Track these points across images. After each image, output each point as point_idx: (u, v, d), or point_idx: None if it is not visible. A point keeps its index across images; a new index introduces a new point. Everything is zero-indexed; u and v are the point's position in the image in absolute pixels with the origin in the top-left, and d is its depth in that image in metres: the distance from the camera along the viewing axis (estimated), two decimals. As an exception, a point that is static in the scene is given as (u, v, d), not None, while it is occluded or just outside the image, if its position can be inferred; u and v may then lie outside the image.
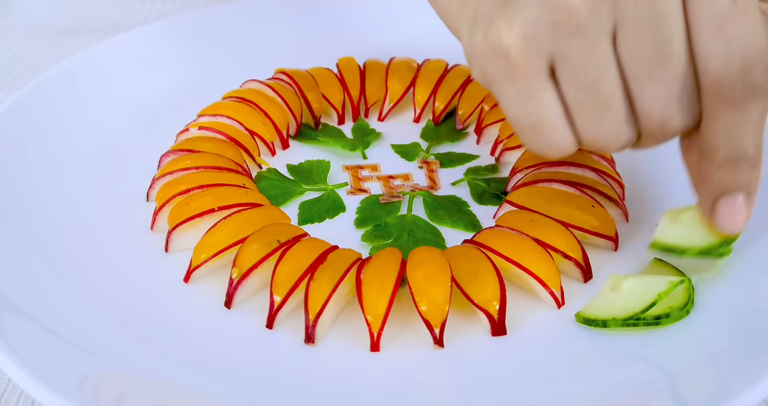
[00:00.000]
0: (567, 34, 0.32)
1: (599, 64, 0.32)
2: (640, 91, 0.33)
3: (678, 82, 0.33)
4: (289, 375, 0.36)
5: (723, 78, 0.32)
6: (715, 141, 0.34)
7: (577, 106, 0.34)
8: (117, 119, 0.53)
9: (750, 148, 0.34)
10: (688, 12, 0.32)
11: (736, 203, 0.35)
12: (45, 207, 0.45)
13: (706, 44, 0.32)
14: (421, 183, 0.49)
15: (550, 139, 0.35)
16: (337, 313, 0.39)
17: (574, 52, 0.32)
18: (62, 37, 0.71)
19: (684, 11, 0.32)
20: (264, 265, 0.40)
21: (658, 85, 0.33)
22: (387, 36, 0.61)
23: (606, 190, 0.44)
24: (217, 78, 0.57)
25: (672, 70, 0.32)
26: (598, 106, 0.33)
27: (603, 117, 0.34)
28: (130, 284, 0.41)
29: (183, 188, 0.44)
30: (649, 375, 0.36)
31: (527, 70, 0.33)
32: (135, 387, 0.35)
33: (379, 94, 0.55)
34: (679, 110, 0.33)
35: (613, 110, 0.33)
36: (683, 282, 0.37)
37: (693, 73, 0.33)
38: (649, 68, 0.32)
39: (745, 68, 0.32)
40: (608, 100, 0.33)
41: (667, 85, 0.33)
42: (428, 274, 0.38)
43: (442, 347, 0.37)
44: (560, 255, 0.40)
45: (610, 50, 0.32)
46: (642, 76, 0.33)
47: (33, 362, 0.33)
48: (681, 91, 0.33)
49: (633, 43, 0.32)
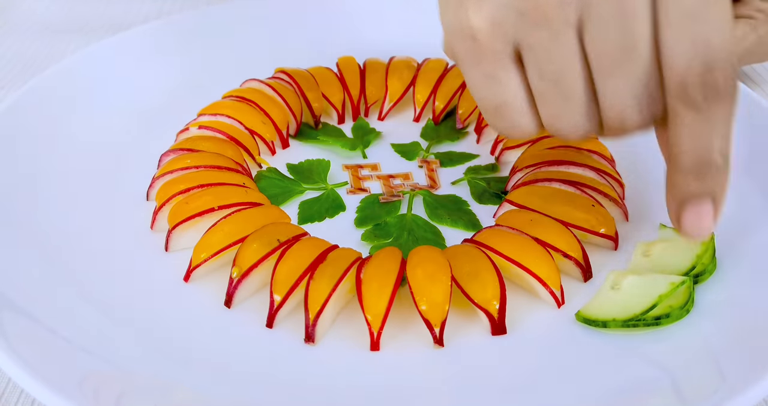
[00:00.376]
0: (533, 24, 0.32)
1: (563, 56, 0.32)
2: (602, 85, 0.33)
3: (640, 79, 0.32)
4: (289, 374, 0.36)
5: (686, 79, 0.31)
6: (680, 145, 0.33)
7: (540, 94, 0.34)
8: (117, 118, 0.53)
9: (715, 154, 0.32)
10: (657, 8, 0.31)
11: (702, 209, 0.34)
12: (45, 206, 0.45)
13: (672, 42, 0.31)
14: (421, 182, 0.49)
15: (512, 122, 0.35)
16: (337, 312, 0.39)
17: (539, 41, 0.32)
18: (62, 36, 0.71)
19: (653, 8, 0.31)
20: (264, 264, 0.40)
21: (620, 81, 0.32)
22: (387, 35, 0.61)
23: (606, 190, 0.44)
24: (217, 77, 0.57)
25: (635, 67, 0.32)
26: (560, 96, 0.33)
27: (564, 107, 0.34)
28: (130, 283, 0.41)
29: (183, 187, 0.44)
30: (649, 374, 0.36)
31: (492, 54, 0.33)
32: (135, 386, 0.35)
33: (379, 94, 0.55)
34: (638, 108, 0.33)
35: (574, 101, 0.34)
36: (684, 283, 0.37)
37: (657, 72, 0.32)
38: (612, 64, 0.32)
39: (708, 70, 0.31)
40: (569, 92, 0.33)
41: (628, 82, 0.32)
42: (428, 273, 0.38)
43: (442, 346, 0.37)
44: (560, 254, 0.40)
45: (575, 42, 0.32)
46: (605, 71, 0.32)
47: (33, 362, 0.33)
48: (642, 89, 0.33)
49: (598, 37, 0.32)
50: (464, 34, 0.34)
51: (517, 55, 0.34)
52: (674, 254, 0.40)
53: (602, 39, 0.32)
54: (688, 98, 0.31)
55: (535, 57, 0.33)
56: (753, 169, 0.46)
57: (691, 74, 0.31)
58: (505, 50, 0.33)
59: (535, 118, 0.35)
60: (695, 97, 0.31)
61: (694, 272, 0.39)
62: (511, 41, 0.33)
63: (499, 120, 0.36)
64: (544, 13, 0.32)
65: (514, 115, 0.35)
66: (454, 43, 0.35)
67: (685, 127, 0.32)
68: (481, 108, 0.36)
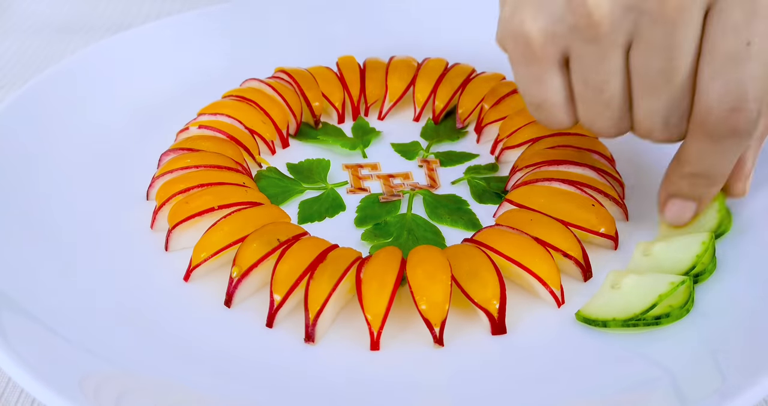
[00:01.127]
0: (584, 39, 0.35)
1: (608, 70, 0.36)
2: (638, 101, 0.36)
3: (672, 104, 0.36)
4: (289, 374, 0.36)
5: (711, 113, 0.34)
6: (687, 156, 0.37)
7: (582, 97, 0.37)
8: (117, 118, 0.53)
9: (715, 172, 0.38)
10: (703, 45, 0.34)
11: (685, 206, 0.40)
12: (45, 206, 0.45)
13: (707, 79, 0.34)
14: (421, 182, 0.49)
15: (552, 116, 0.39)
16: (337, 312, 0.39)
17: (587, 55, 0.35)
18: (62, 36, 0.71)
19: (699, 43, 0.34)
20: (264, 264, 0.39)
21: (655, 102, 0.36)
22: (387, 35, 0.61)
23: (606, 189, 0.44)
24: (217, 77, 0.57)
25: (670, 93, 0.35)
26: (600, 103, 0.37)
27: (602, 112, 0.37)
28: (130, 282, 0.41)
29: (183, 187, 0.44)
30: (649, 374, 0.36)
31: (542, 60, 0.37)
32: (135, 386, 0.35)
33: (379, 93, 0.55)
34: (666, 126, 0.37)
35: (612, 109, 0.37)
36: (684, 283, 0.37)
37: (689, 100, 0.36)
38: (651, 86, 0.35)
39: (734, 111, 0.34)
40: (609, 101, 0.37)
41: (661, 104, 0.36)
42: (428, 273, 0.38)
43: (442, 345, 0.37)
44: (560, 254, 0.40)
45: (620, 59, 0.35)
46: (643, 91, 0.36)
47: (33, 362, 0.33)
48: (671, 112, 0.36)
49: (643, 60, 0.35)
50: (518, 37, 0.37)
51: (565, 59, 0.37)
52: (674, 254, 0.40)
53: (647, 62, 0.35)
54: (708, 129, 0.35)
55: (581, 67, 0.36)
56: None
57: (716, 111, 0.34)
58: (554, 57, 0.36)
59: (573, 116, 0.39)
60: (714, 130, 0.35)
61: (694, 272, 0.39)
62: (560, 50, 0.36)
63: (540, 114, 0.39)
64: (596, 33, 0.34)
65: (554, 110, 0.39)
66: (507, 42, 0.38)
67: (697, 147, 0.37)
68: (525, 101, 0.40)
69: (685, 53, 0.34)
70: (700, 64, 0.34)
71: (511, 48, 0.37)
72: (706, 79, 0.34)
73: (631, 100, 0.37)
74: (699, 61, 0.34)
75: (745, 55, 0.33)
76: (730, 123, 0.34)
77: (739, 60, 0.33)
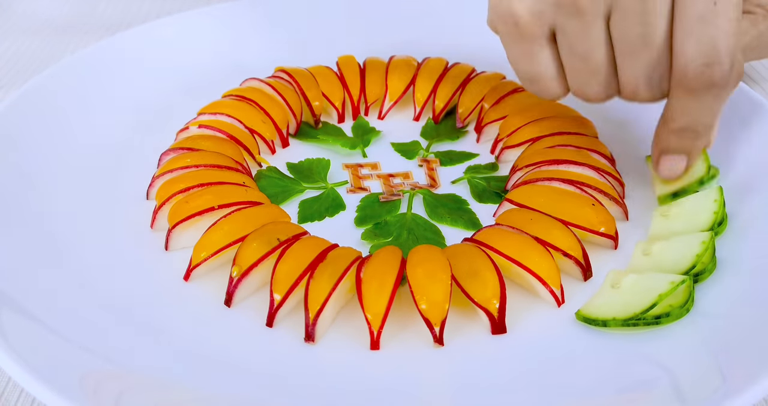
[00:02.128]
0: (568, 14, 0.39)
1: (592, 40, 0.39)
2: (622, 64, 0.40)
3: (652, 64, 0.39)
4: (289, 373, 0.36)
5: (688, 69, 0.38)
6: (672, 113, 0.41)
7: (570, 67, 0.41)
8: (117, 118, 0.53)
9: (699, 125, 0.41)
10: (675, 9, 0.38)
11: (676, 160, 0.43)
12: (44, 206, 0.45)
13: (682, 39, 0.38)
14: (421, 181, 0.49)
15: (544, 88, 0.43)
16: (337, 311, 0.39)
17: (572, 28, 0.39)
18: (62, 36, 0.71)
19: (671, 8, 0.38)
20: (264, 263, 0.39)
21: (637, 64, 0.39)
22: (387, 34, 0.61)
23: (606, 189, 0.44)
24: (217, 76, 0.57)
25: (649, 54, 0.39)
26: (587, 71, 0.41)
27: (589, 79, 0.41)
28: (129, 282, 0.41)
29: (183, 186, 0.44)
30: (649, 373, 0.36)
31: (531, 36, 0.41)
32: (135, 385, 0.35)
33: (379, 93, 0.55)
34: (648, 86, 0.40)
35: (598, 75, 0.41)
36: (684, 282, 0.37)
37: (668, 60, 0.39)
38: (632, 49, 0.39)
39: (709, 65, 0.38)
40: (595, 68, 0.41)
41: (643, 65, 0.39)
42: (428, 272, 0.38)
43: (442, 345, 0.37)
44: (560, 253, 0.40)
45: (603, 29, 0.39)
46: (626, 54, 0.39)
47: (33, 361, 0.33)
48: (654, 71, 0.40)
49: (623, 27, 0.38)
50: (507, 18, 0.41)
51: (552, 35, 0.41)
52: (674, 253, 0.40)
53: (626, 29, 0.38)
54: (687, 85, 0.39)
55: (567, 40, 0.40)
56: (752, 170, 0.46)
57: (693, 67, 0.38)
58: (542, 33, 0.40)
59: (563, 85, 0.43)
60: (692, 85, 0.38)
61: (694, 271, 0.39)
62: (548, 26, 0.40)
63: (533, 86, 0.43)
64: (579, 6, 0.38)
65: (546, 82, 0.43)
66: (498, 23, 0.41)
67: (678, 103, 0.40)
68: (518, 76, 0.43)
69: (659, 18, 0.38)
70: (674, 27, 0.38)
71: (502, 28, 0.41)
72: (681, 39, 0.38)
73: (615, 66, 0.40)
74: (673, 24, 0.38)
75: (713, 14, 0.37)
76: (706, 77, 0.38)
77: (708, 19, 0.37)
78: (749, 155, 0.47)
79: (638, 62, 0.39)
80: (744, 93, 0.49)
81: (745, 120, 0.48)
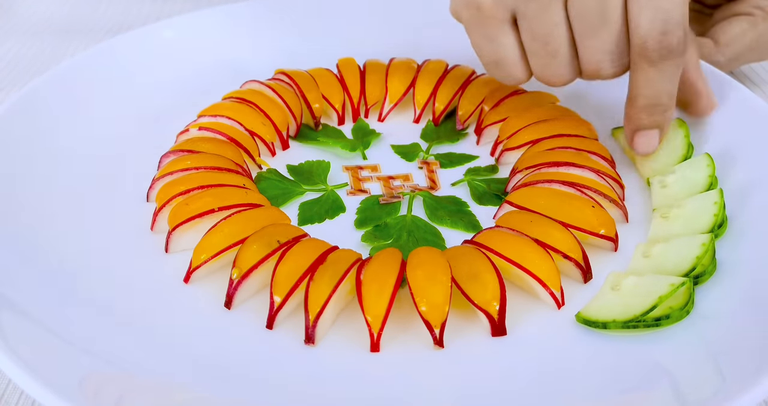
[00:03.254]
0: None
1: (551, 22, 0.41)
2: (582, 44, 0.42)
3: (612, 40, 0.41)
4: (289, 375, 0.36)
5: (647, 40, 0.40)
6: (637, 89, 0.43)
7: (532, 51, 0.43)
8: (117, 120, 0.53)
9: (664, 96, 0.43)
10: None
11: (650, 135, 0.45)
12: (45, 208, 0.45)
13: (637, 12, 0.40)
14: (421, 183, 0.49)
15: (508, 73, 0.45)
16: (337, 313, 0.39)
17: (531, 10, 0.41)
18: (62, 38, 0.71)
19: None
20: (264, 265, 0.40)
21: (596, 41, 0.41)
22: (387, 36, 0.61)
23: (606, 191, 0.44)
24: (217, 78, 0.57)
25: (608, 31, 0.41)
26: (547, 54, 0.43)
27: (551, 61, 0.43)
28: (130, 284, 0.41)
29: (183, 189, 0.44)
30: (649, 375, 0.36)
31: (493, 21, 0.43)
32: (135, 387, 0.35)
33: (379, 95, 0.55)
34: (611, 62, 0.42)
35: (560, 57, 0.43)
36: (684, 284, 0.37)
37: (625, 35, 0.41)
38: (590, 28, 0.41)
39: (665, 34, 0.40)
40: (555, 50, 0.42)
41: (602, 42, 0.41)
42: (428, 274, 0.38)
43: (442, 347, 0.37)
44: (560, 255, 0.40)
45: (561, 11, 0.41)
46: (585, 34, 0.41)
47: (33, 362, 0.33)
48: (613, 48, 0.42)
49: (580, 6, 0.41)
50: (470, 5, 0.43)
51: (513, 19, 0.43)
52: (674, 255, 0.40)
53: (583, 8, 0.41)
54: (647, 55, 0.41)
55: (528, 23, 0.42)
56: (752, 170, 0.46)
57: (650, 37, 0.40)
58: (504, 17, 0.42)
59: (527, 70, 0.45)
60: (652, 55, 0.41)
61: (694, 273, 0.39)
62: (509, 9, 0.42)
63: (497, 71, 0.45)
64: None
65: (510, 67, 0.44)
66: (460, 9, 0.44)
67: (642, 75, 0.42)
68: (482, 61, 0.45)
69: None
70: (628, 2, 0.40)
71: (465, 15, 0.43)
72: (636, 13, 0.40)
73: (575, 47, 0.42)
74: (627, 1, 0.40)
75: None
76: (664, 45, 0.40)
77: None
78: (749, 158, 0.47)
79: (598, 39, 0.41)
80: (744, 96, 0.49)
81: (745, 123, 0.48)
